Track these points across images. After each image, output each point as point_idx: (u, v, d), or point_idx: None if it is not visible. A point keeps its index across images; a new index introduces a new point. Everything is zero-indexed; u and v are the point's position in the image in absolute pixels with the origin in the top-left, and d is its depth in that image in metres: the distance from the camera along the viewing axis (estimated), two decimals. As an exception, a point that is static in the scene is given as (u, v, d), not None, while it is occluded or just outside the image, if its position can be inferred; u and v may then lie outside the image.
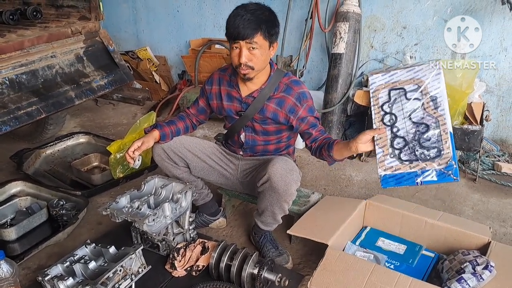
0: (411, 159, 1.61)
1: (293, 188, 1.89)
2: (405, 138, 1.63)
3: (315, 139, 1.92)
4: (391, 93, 1.69)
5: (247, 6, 1.80)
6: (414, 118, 1.63)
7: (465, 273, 1.68)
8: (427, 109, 1.61)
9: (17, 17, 2.94)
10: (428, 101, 1.61)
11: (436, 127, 1.59)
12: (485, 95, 3.18)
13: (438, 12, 3.19)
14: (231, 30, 1.77)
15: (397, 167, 1.62)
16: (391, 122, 1.66)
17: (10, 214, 2.45)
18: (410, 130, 1.62)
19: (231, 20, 1.78)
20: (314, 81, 3.88)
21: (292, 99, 1.93)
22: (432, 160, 1.59)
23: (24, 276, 2.04)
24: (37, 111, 2.59)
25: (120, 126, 3.98)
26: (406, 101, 1.65)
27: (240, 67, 1.84)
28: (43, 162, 3.13)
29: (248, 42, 1.78)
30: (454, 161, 1.57)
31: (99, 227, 2.42)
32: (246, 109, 2.00)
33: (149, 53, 4.54)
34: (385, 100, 1.69)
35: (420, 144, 1.61)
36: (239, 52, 1.81)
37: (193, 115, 2.21)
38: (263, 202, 1.97)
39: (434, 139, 1.59)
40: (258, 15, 1.78)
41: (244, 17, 1.75)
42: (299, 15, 3.65)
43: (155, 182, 2.11)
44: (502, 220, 2.51)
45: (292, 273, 2.00)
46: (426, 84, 1.62)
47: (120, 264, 1.72)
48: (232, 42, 1.81)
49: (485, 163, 3.06)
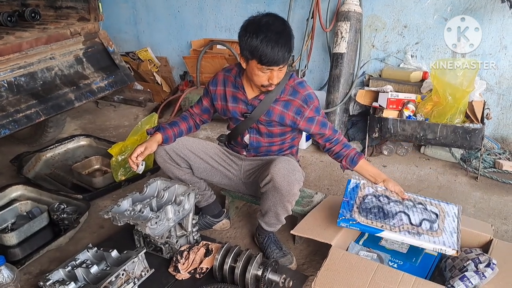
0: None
1: (296, 188, 1.88)
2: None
3: (329, 139, 1.99)
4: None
5: (271, 26, 1.73)
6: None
7: (467, 271, 1.69)
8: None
9: (15, 18, 2.92)
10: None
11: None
12: (485, 93, 3.18)
13: (438, 11, 3.18)
14: (268, 58, 1.72)
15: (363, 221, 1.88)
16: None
17: (11, 219, 2.43)
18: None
19: (264, 47, 1.71)
20: (316, 81, 3.87)
21: (298, 101, 1.93)
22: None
23: (26, 281, 2.02)
24: (37, 114, 2.58)
25: (121, 128, 3.96)
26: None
27: (267, 86, 1.85)
28: (43, 166, 3.12)
29: (282, 66, 1.79)
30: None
31: (101, 230, 2.41)
32: (251, 111, 1.99)
33: (150, 54, 4.52)
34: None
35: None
36: (270, 75, 1.80)
37: (196, 114, 2.20)
38: (266, 203, 1.97)
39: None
40: (286, 36, 1.75)
41: (280, 43, 1.71)
42: (300, 15, 3.64)
43: (158, 184, 2.10)
44: (503, 218, 2.51)
45: (296, 273, 2.00)
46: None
47: (123, 268, 1.71)
48: (262, 67, 1.77)
49: (486, 161, 3.06)
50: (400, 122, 2.95)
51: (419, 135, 2.93)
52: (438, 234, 1.81)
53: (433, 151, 3.22)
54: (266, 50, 1.71)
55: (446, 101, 2.80)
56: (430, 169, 3.08)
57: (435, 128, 2.87)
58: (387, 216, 1.91)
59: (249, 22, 1.78)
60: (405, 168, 3.10)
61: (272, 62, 1.73)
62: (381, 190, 2.04)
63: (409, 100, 3.02)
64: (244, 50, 1.79)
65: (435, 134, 2.88)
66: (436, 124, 2.86)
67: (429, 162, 3.18)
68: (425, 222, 1.87)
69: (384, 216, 1.91)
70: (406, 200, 1.96)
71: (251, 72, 1.84)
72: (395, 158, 3.25)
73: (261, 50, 1.71)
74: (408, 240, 1.80)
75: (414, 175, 3.01)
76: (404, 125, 2.95)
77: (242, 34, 1.78)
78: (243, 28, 1.78)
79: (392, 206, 1.97)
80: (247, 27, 1.77)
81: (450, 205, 1.99)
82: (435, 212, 1.93)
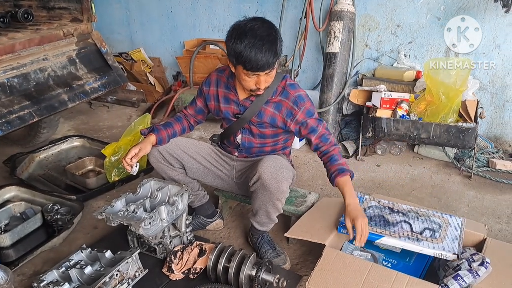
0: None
1: (285, 186, 1.88)
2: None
3: (317, 148, 1.95)
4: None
5: (257, 31, 1.71)
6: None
7: (461, 269, 1.69)
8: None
9: (7, 19, 2.91)
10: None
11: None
12: (478, 92, 3.20)
13: (431, 10, 3.20)
14: (252, 64, 1.71)
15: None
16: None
17: (4, 220, 2.41)
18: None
19: (248, 53, 1.69)
20: (309, 81, 3.87)
21: (289, 103, 1.93)
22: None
23: (19, 282, 2.01)
24: (30, 115, 2.57)
25: (114, 128, 3.95)
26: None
27: (256, 91, 1.84)
28: (37, 167, 3.10)
29: (268, 71, 1.77)
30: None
31: (94, 231, 2.40)
32: (243, 112, 1.99)
33: (143, 54, 4.51)
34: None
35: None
36: (257, 79, 1.79)
37: (190, 115, 2.20)
38: (256, 202, 1.97)
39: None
40: (271, 41, 1.72)
41: (264, 49, 1.69)
42: (293, 15, 3.64)
43: (151, 185, 2.10)
44: (497, 217, 2.52)
45: (290, 273, 2.00)
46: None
47: (117, 268, 1.71)
48: (248, 73, 1.76)
49: (480, 160, 3.07)
50: (393, 121, 2.97)
51: (412, 135, 2.95)
52: (438, 241, 1.82)
53: (426, 151, 3.23)
54: (250, 56, 1.69)
55: (439, 100, 2.81)
56: (424, 169, 3.09)
57: (428, 127, 2.88)
58: (388, 224, 1.92)
59: (234, 27, 1.76)
60: (399, 168, 3.11)
61: (257, 68, 1.73)
62: (384, 202, 2.05)
63: (402, 99, 3.03)
64: (230, 55, 1.78)
65: (429, 134, 2.89)
66: (429, 124, 2.88)
67: (423, 162, 3.19)
68: (427, 230, 1.88)
69: (385, 224, 1.93)
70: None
71: (238, 77, 1.84)
72: (389, 157, 3.26)
73: (245, 56, 1.70)
74: (408, 246, 1.82)
75: (408, 174, 3.02)
76: (398, 124, 2.96)
77: (228, 39, 1.76)
78: (229, 34, 1.77)
79: (394, 216, 2.00)
80: (232, 32, 1.75)
81: (453, 217, 2.01)
82: (438, 222, 1.95)
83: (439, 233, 1.88)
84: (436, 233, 1.88)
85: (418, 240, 1.83)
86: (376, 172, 3.05)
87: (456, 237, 1.86)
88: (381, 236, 1.86)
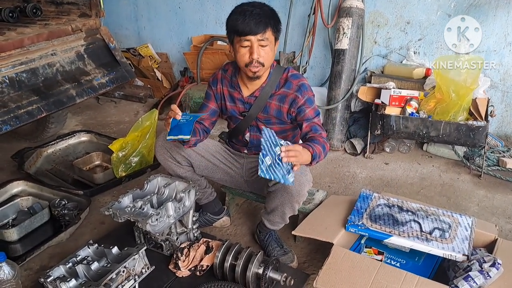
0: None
1: (306, 189, 1.87)
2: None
3: (305, 135, 1.87)
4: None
5: (252, 3, 1.79)
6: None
7: (472, 270, 1.66)
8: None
9: (16, 14, 2.91)
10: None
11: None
12: (489, 90, 3.15)
13: (442, 7, 3.15)
14: (241, 26, 1.74)
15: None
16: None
17: (12, 215, 2.43)
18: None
19: (239, 16, 1.75)
20: (317, 77, 3.85)
21: (292, 92, 1.92)
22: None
23: (26, 277, 2.02)
24: (38, 110, 2.57)
25: (122, 124, 3.95)
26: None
27: (251, 65, 1.81)
28: (44, 161, 3.11)
29: (260, 38, 1.76)
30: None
31: (101, 227, 2.40)
32: (249, 109, 1.98)
33: (151, 50, 4.51)
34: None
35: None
36: (250, 49, 1.78)
37: (204, 119, 2.07)
38: (273, 202, 1.94)
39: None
40: (265, 11, 1.78)
41: (254, 12, 1.74)
42: (301, 11, 3.61)
43: (158, 181, 2.09)
44: (507, 217, 2.49)
45: (297, 272, 1.98)
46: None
47: (123, 264, 1.70)
48: (240, 40, 1.78)
49: (490, 159, 3.04)
50: (402, 119, 2.93)
51: (421, 133, 2.91)
52: (448, 242, 1.80)
53: (435, 149, 3.20)
54: (239, 18, 1.74)
55: (449, 98, 2.78)
56: (432, 167, 3.06)
57: (438, 125, 2.85)
58: (397, 223, 1.90)
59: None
60: (407, 166, 3.08)
61: (247, 29, 1.74)
62: (393, 201, 2.03)
63: (411, 97, 3.00)
64: (228, 32, 1.83)
65: (438, 132, 2.86)
66: (439, 122, 2.84)
67: (432, 160, 3.16)
68: (437, 230, 1.86)
69: (394, 223, 1.91)
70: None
71: (235, 54, 1.84)
72: (397, 155, 3.23)
73: (235, 19, 1.76)
74: (417, 246, 1.80)
75: (416, 172, 2.99)
76: (407, 122, 2.93)
77: (227, 20, 1.83)
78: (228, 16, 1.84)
79: (403, 215, 1.98)
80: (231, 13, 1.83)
81: (463, 217, 1.98)
82: (448, 222, 1.93)
83: (448, 233, 1.85)
84: (446, 233, 1.85)
85: (427, 240, 1.81)
86: (385, 170, 3.02)
87: (466, 237, 1.84)
88: (389, 236, 1.84)
